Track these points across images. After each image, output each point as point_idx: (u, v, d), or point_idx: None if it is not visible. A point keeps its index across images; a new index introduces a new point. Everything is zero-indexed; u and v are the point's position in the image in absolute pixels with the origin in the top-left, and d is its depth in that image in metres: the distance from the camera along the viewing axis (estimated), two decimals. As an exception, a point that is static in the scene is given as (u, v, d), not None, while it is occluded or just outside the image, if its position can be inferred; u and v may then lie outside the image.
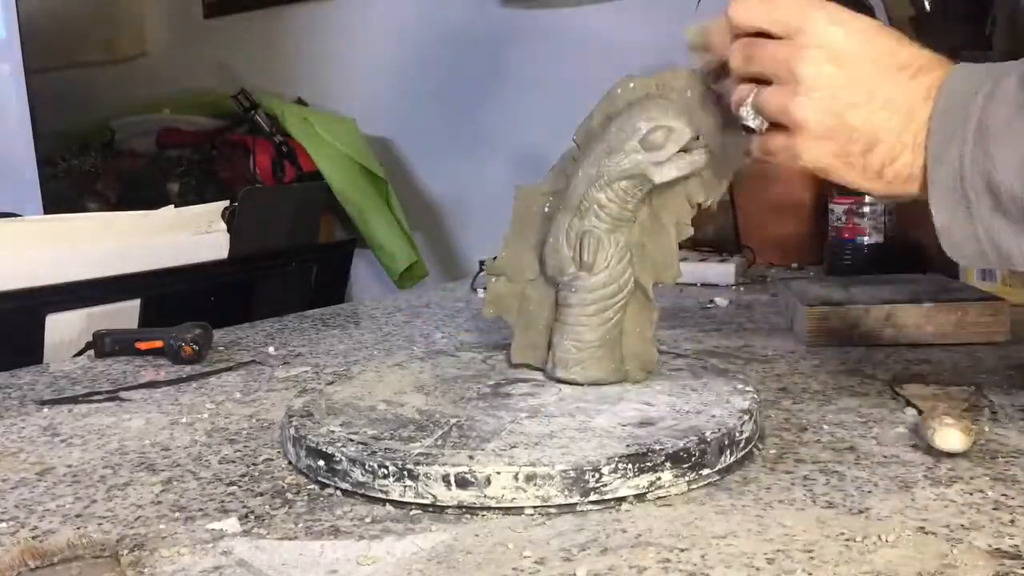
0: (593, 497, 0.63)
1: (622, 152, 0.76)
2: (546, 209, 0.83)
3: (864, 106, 0.59)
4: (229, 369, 1.05)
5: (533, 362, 0.84)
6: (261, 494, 0.68)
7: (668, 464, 0.65)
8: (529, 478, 0.63)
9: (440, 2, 2.74)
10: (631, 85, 0.79)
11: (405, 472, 0.64)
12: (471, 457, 0.65)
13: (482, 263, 1.53)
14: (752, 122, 0.65)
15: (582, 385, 0.79)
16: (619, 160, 0.76)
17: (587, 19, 2.42)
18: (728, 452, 0.68)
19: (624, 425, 0.70)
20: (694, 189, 0.78)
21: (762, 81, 0.63)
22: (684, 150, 0.75)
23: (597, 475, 0.63)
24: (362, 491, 0.66)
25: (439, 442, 0.68)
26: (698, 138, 0.75)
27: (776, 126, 0.64)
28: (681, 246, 0.83)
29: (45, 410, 0.93)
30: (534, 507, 0.63)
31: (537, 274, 0.83)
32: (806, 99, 0.60)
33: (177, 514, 0.65)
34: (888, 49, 0.60)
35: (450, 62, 2.71)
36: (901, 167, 0.60)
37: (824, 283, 1.25)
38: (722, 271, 1.47)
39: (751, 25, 0.64)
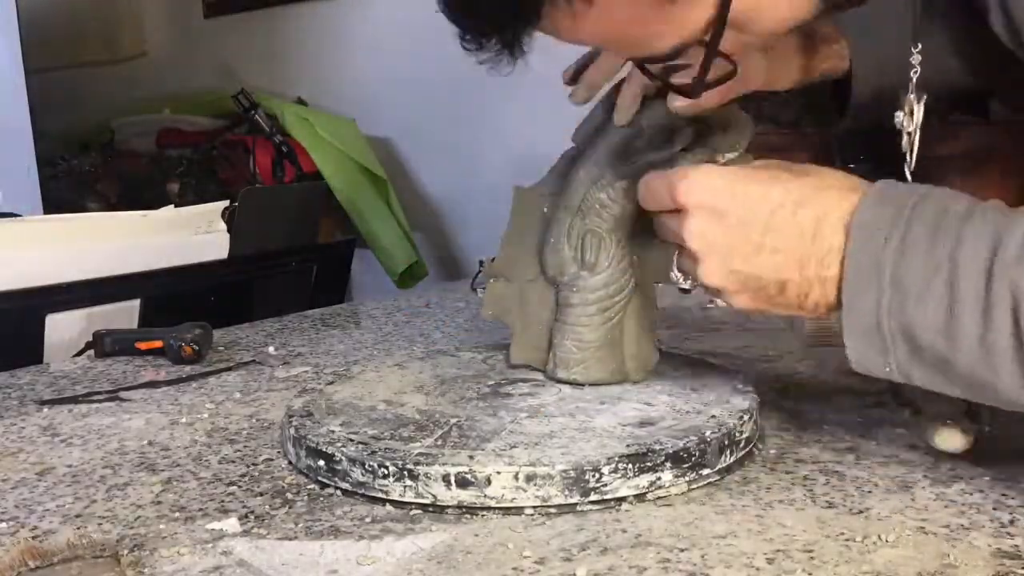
0: (593, 497, 0.63)
1: (624, 152, 0.76)
2: (545, 210, 0.83)
3: (756, 257, 0.60)
4: (229, 369, 1.05)
5: (533, 363, 0.84)
6: (261, 494, 0.68)
7: (668, 464, 0.65)
8: (529, 478, 0.63)
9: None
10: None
11: (405, 472, 0.64)
12: (471, 457, 0.65)
13: (482, 263, 1.53)
14: (685, 284, 0.67)
15: (583, 385, 0.79)
16: (623, 161, 0.76)
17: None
18: (728, 452, 0.68)
19: (624, 425, 0.70)
20: None
21: None
22: (685, 149, 0.75)
23: (597, 475, 0.63)
24: (362, 491, 0.66)
25: (439, 442, 0.68)
26: (700, 138, 0.75)
27: None
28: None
29: (45, 410, 0.93)
30: (534, 507, 0.63)
31: (537, 275, 0.83)
32: (704, 266, 0.62)
33: (177, 514, 0.65)
34: (758, 195, 0.60)
35: (450, 62, 2.71)
36: (817, 299, 0.61)
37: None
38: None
39: (652, 208, 0.67)
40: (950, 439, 0.67)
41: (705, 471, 0.66)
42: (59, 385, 1.02)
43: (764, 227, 0.59)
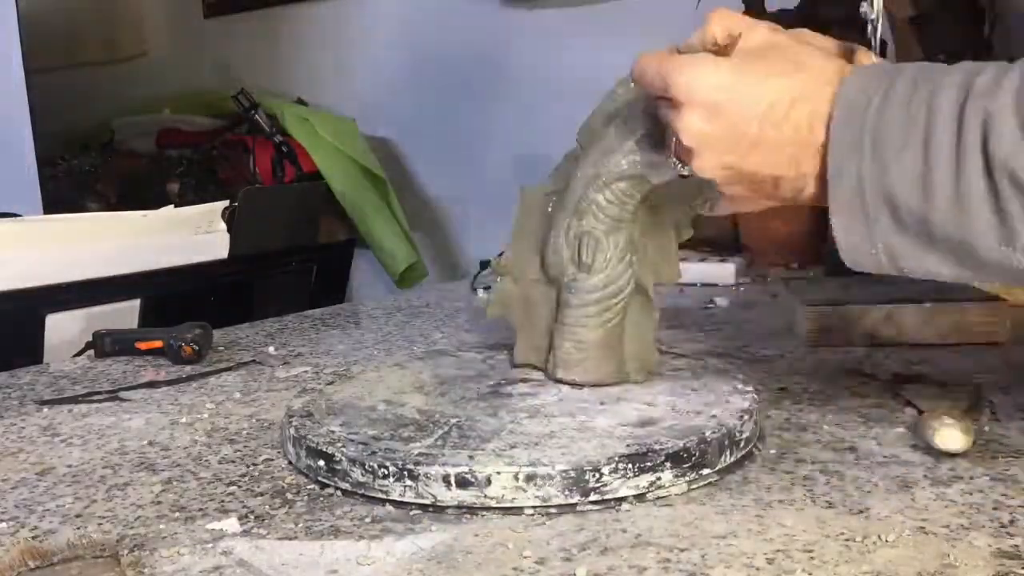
0: (593, 497, 0.63)
1: (620, 153, 0.75)
2: (549, 209, 0.83)
3: (751, 154, 0.60)
4: (229, 369, 1.05)
5: (536, 363, 0.84)
6: (261, 494, 0.68)
7: (668, 464, 0.65)
8: (529, 478, 0.63)
9: (440, 2, 2.75)
10: (631, 85, 0.79)
11: (405, 472, 0.64)
12: (471, 457, 0.65)
13: (484, 263, 1.53)
14: (684, 172, 0.66)
15: (583, 386, 0.79)
16: (617, 161, 0.75)
17: (587, 19, 2.42)
18: (728, 452, 0.68)
19: (624, 425, 0.70)
20: (693, 190, 0.78)
21: None
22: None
23: (597, 475, 0.63)
24: (362, 491, 0.66)
25: (439, 442, 0.68)
26: None
27: None
28: (681, 246, 0.83)
29: (45, 410, 0.93)
30: (534, 507, 0.63)
31: (540, 275, 0.83)
32: (699, 159, 0.62)
33: (177, 514, 0.65)
34: (755, 91, 0.59)
35: (450, 62, 2.71)
36: (811, 195, 0.60)
37: (824, 283, 1.25)
38: (722, 271, 1.47)
39: (643, 88, 0.66)
40: (950, 439, 0.67)
41: (705, 471, 0.66)
42: (59, 385, 1.02)
43: (760, 124, 0.58)
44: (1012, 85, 0.51)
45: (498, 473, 0.63)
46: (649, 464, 0.64)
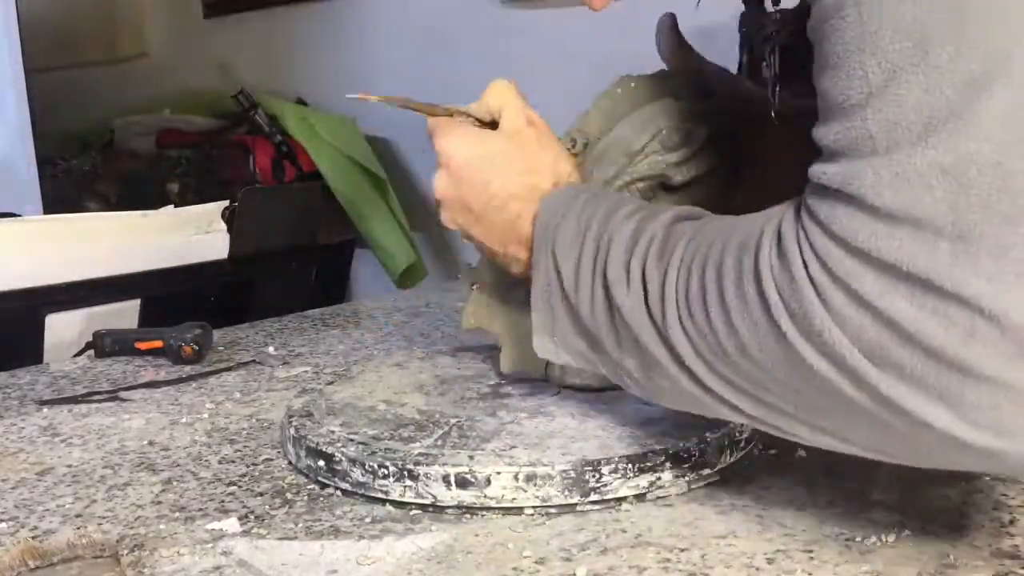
0: (593, 497, 0.63)
1: (642, 153, 0.75)
2: None
3: (475, 225, 0.70)
4: (229, 369, 1.05)
5: (529, 371, 0.81)
6: (261, 494, 0.68)
7: (668, 464, 0.65)
8: (529, 478, 0.63)
9: (440, 2, 2.74)
10: (632, 85, 0.78)
11: (405, 472, 0.64)
12: (471, 457, 0.65)
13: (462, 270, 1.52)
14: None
15: (598, 391, 0.78)
16: (638, 161, 0.75)
17: (587, 19, 2.42)
18: (728, 452, 0.68)
19: (624, 425, 0.70)
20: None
21: None
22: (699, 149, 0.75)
23: (597, 475, 0.63)
24: (362, 491, 0.66)
25: (439, 442, 0.68)
26: (711, 137, 0.75)
27: None
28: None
29: (45, 410, 0.93)
30: (534, 507, 0.63)
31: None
32: (442, 212, 0.74)
33: (177, 514, 0.65)
34: (483, 181, 0.69)
35: (450, 62, 2.71)
36: (519, 270, 0.70)
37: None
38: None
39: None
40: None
41: (705, 471, 0.66)
42: (59, 385, 1.02)
43: (483, 206, 0.69)
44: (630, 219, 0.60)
45: (498, 473, 0.63)
46: (649, 464, 0.64)
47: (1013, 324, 0.40)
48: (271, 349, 1.14)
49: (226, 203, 1.74)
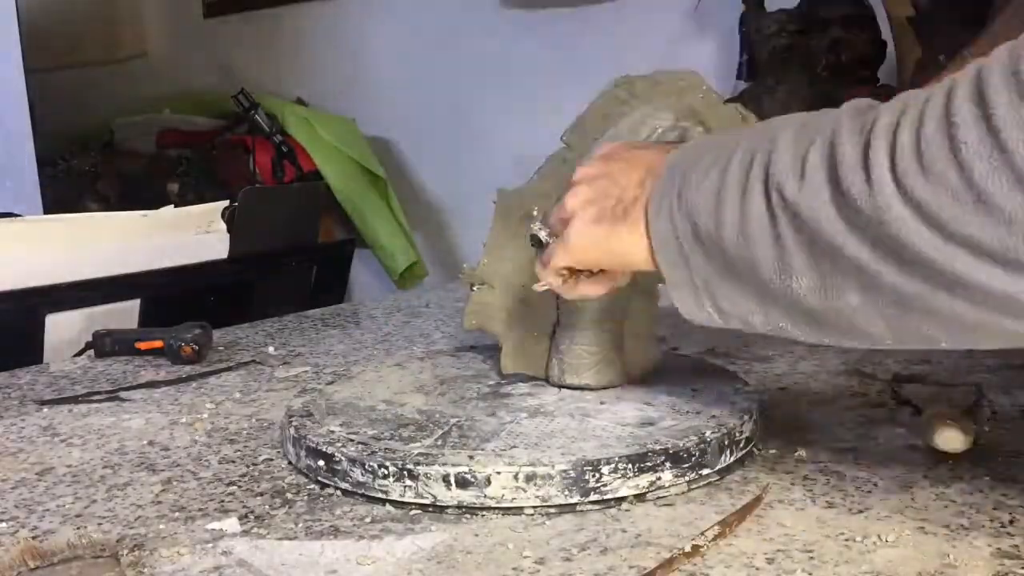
0: (593, 497, 0.63)
1: None
2: (535, 212, 0.82)
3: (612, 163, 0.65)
4: (229, 369, 1.05)
5: (530, 372, 0.82)
6: (261, 494, 0.68)
7: (668, 464, 0.65)
8: (529, 478, 0.63)
9: (440, 2, 2.75)
10: (631, 85, 0.79)
11: (405, 472, 0.64)
12: (471, 457, 0.65)
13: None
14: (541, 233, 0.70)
15: (595, 390, 0.78)
16: None
17: (587, 19, 2.42)
18: (728, 452, 0.68)
19: (624, 425, 0.70)
20: None
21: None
22: None
23: (597, 475, 0.63)
24: (362, 491, 0.66)
25: (439, 442, 0.68)
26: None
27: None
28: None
29: (45, 410, 0.93)
30: (534, 507, 0.63)
31: (530, 280, 0.82)
32: (574, 190, 0.66)
33: (177, 514, 0.65)
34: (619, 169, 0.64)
35: (450, 62, 2.71)
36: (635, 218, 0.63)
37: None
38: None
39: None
40: (950, 439, 0.67)
41: (705, 471, 0.66)
42: (59, 385, 1.02)
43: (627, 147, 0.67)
44: (797, 120, 0.55)
45: (498, 473, 0.63)
46: (649, 464, 0.64)
47: None
48: (271, 349, 1.14)
49: (226, 203, 1.73)
